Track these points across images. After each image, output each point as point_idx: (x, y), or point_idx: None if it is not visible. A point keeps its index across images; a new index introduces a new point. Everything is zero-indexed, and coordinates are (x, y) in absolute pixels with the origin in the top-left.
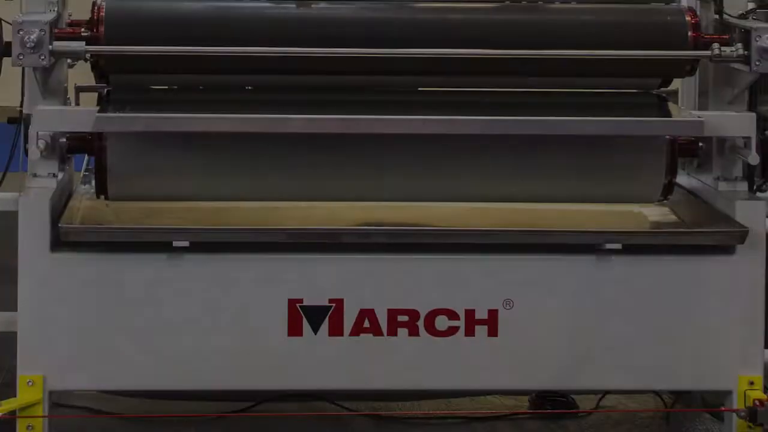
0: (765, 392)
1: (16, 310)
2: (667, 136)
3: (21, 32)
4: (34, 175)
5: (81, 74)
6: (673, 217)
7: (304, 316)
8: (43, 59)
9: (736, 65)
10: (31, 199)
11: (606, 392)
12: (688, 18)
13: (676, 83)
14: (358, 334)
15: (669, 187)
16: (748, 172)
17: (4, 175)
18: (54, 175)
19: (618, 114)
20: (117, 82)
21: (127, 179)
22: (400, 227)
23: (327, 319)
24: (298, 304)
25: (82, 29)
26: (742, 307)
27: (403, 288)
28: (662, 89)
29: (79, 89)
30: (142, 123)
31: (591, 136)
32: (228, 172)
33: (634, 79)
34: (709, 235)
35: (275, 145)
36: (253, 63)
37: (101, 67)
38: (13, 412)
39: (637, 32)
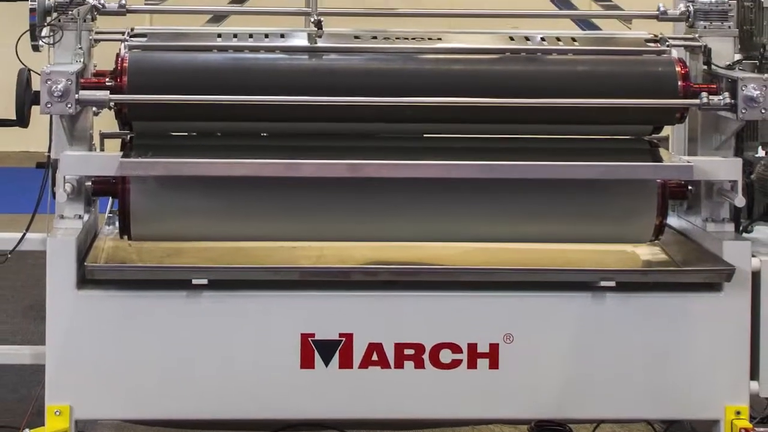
0: (750, 421)
1: (44, 344)
2: (659, 180)
3: (49, 82)
4: (61, 217)
5: (105, 121)
6: (664, 257)
7: (316, 350)
8: (69, 107)
9: (724, 113)
10: (59, 239)
11: (601, 421)
12: (678, 68)
13: (667, 130)
14: (366, 367)
15: (660, 228)
16: (735, 214)
17: (32, 217)
18: (80, 217)
19: (612, 159)
20: (140, 128)
21: (148, 221)
22: (405, 266)
23: (337, 352)
24: (310, 339)
25: (107, 79)
26: (729, 341)
27: (409, 323)
28: (654, 135)
29: (104, 136)
30: (163, 168)
31: (587, 179)
32: (244, 214)
33: (628, 126)
34: (698, 274)
35: (289, 189)
36: (267, 111)
37: (124, 114)
38: None
39: (630, 82)
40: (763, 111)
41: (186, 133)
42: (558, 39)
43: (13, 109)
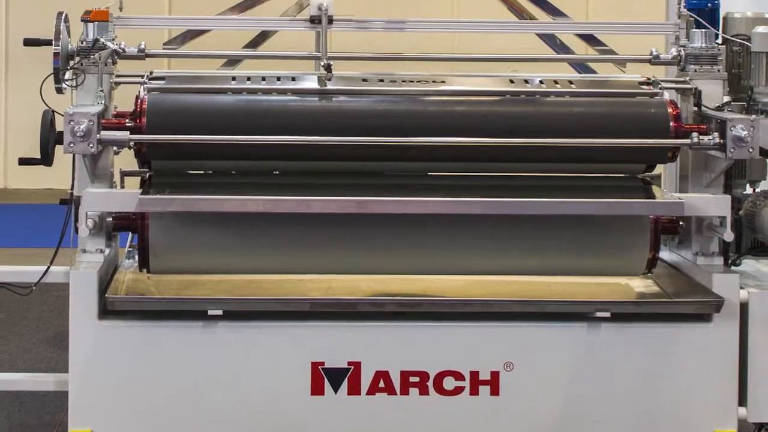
0: None
1: (67, 371)
2: (651, 216)
3: (72, 122)
4: (84, 251)
5: (125, 160)
6: (656, 289)
7: (326, 377)
8: (91, 147)
9: (713, 152)
10: (81, 272)
11: None
12: (670, 110)
13: (660, 168)
14: (374, 393)
15: (653, 262)
16: (724, 248)
17: (56, 251)
18: (101, 251)
19: (607, 196)
20: (158, 167)
21: (166, 255)
22: (410, 298)
23: (346, 379)
24: (320, 367)
25: (127, 120)
26: (719, 369)
27: (414, 352)
28: (647, 173)
29: (124, 174)
30: (180, 204)
31: (583, 215)
32: (257, 249)
33: (622, 165)
34: (689, 305)
35: (299, 224)
36: (279, 150)
37: (143, 154)
38: None
39: (625, 123)
40: (750, 150)
41: (202, 172)
42: (556, 82)
43: (38, 148)
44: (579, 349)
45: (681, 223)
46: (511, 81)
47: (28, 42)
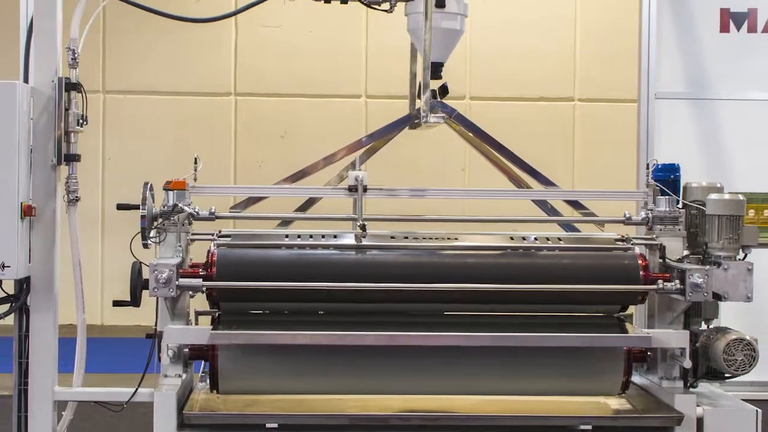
0: None
1: None
2: (625, 347)
3: (155, 272)
4: (165, 376)
5: (199, 302)
6: (629, 406)
7: None
8: (171, 291)
9: (675, 296)
10: (163, 393)
11: None
12: (640, 261)
13: (632, 308)
14: None
15: (626, 384)
16: (684, 373)
17: (143, 376)
18: (179, 376)
19: (590, 332)
20: (226, 308)
21: (233, 378)
22: (431, 413)
23: None
24: None
25: (200, 270)
26: None
27: None
28: (622, 313)
29: (198, 313)
30: (244, 338)
31: (569, 347)
32: (306, 374)
33: (602, 306)
34: (655, 419)
35: (340, 354)
36: (323, 294)
37: (214, 297)
38: None
39: (603, 272)
40: (705, 294)
41: (261, 311)
42: (547, 239)
43: (128, 292)
44: None
45: (649, 353)
46: (511, 238)
47: (121, 206)
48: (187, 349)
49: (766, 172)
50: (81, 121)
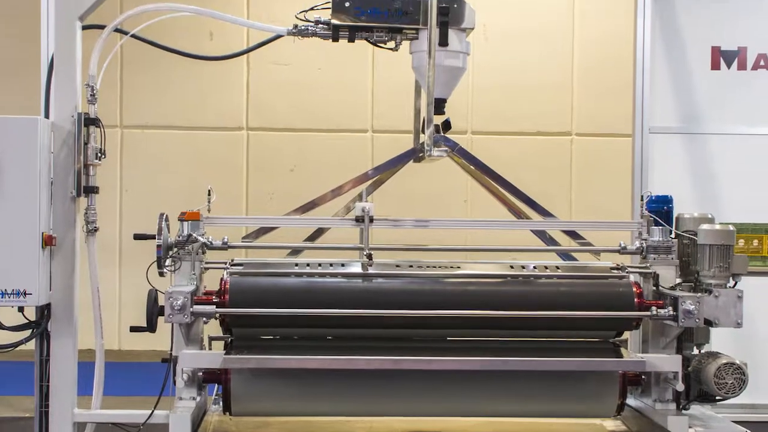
0: None
1: None
2: (620, 371)
3: (171, 299)
4: (180, 398)
5: (212, 328)
6: (624, 427)
7: None
8: (186, 318)
9: (668, 322)
10: (178, 415)
11: None
12: (634, 289)
13: (627, 334)
14: None
15: (621, 406)
16: (676, 396)
17: (159, 399)
18: (194, 398)
19: (587, 356)
20: (238, 333)
21: (245, 401)
22: None
23: None
24: None
25: (213, 297)
26: None
27: None
28: (617, 339)
29: (212, 338)
30: (255, 362)
31: (567, 370)
32: (315, 397)
33: (598, 332)
34: None
35: (347, 378)
36: (331, 320)
37: (227, 323)
38: None
39: (599, 299)
40: (697, 320)
41: (272, 337)
42: (546, 267)
43: (145, 318)
44: None
45: (643, 377)
46: (511, 266)
47: (137, 236)
48: (201, 373)
49: (755, 204)
50: (99, 154)
